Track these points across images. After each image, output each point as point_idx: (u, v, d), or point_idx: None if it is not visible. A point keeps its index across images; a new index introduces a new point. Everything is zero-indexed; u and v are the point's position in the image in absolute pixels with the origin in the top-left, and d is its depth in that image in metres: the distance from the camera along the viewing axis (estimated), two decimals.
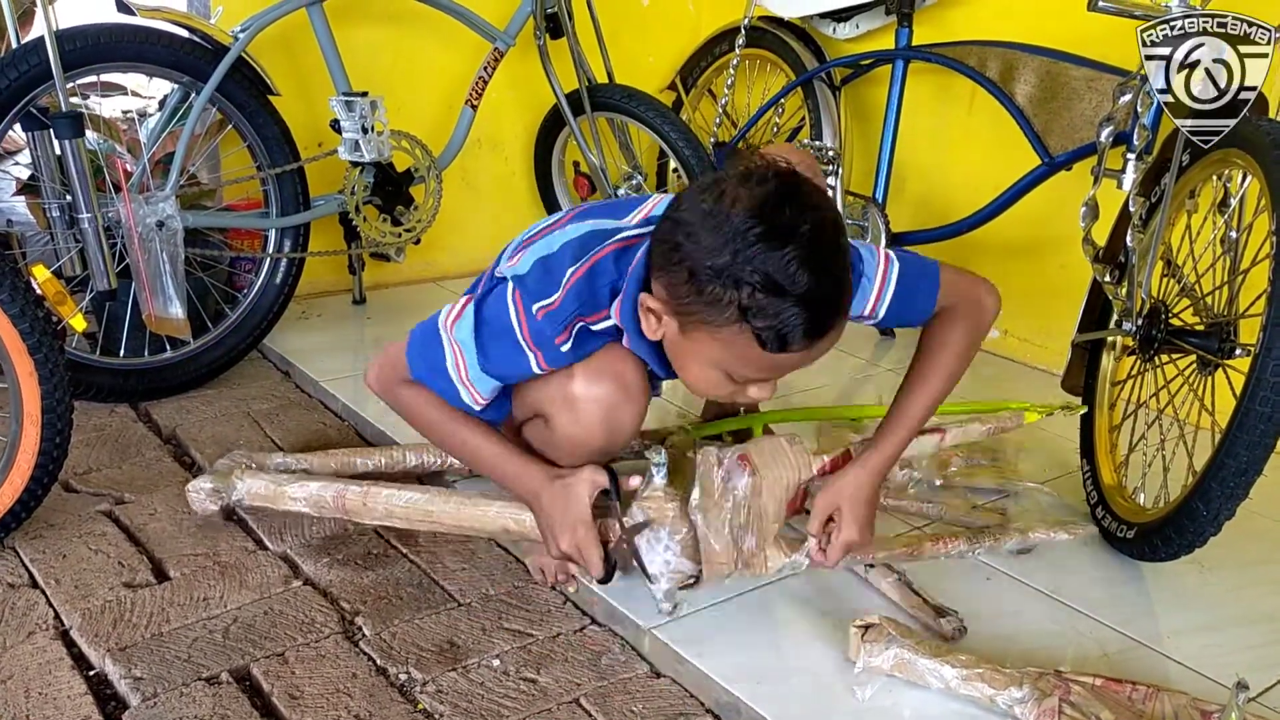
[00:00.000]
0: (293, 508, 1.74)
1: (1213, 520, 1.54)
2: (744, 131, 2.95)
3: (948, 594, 1.59)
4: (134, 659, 1.47)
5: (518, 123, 3.09)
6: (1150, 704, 1.33)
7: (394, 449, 1.92)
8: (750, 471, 1.38)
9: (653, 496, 1.45)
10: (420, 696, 1.43)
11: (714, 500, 1.38)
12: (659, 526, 1.43)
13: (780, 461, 1.41)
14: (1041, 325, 2.62)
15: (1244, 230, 1.69)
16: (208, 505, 1.77)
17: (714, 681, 1.43)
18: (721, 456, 1.41)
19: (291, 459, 1.88)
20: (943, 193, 2.76)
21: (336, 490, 1.70)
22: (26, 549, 1.72)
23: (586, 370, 1.47)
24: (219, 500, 1.77)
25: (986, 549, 1.66)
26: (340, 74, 2.52)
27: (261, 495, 1.76)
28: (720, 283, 1.24)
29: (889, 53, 2.65)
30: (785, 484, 1.43)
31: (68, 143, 2.00)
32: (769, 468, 1.39)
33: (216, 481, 1.77)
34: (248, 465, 1.83)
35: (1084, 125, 2.26)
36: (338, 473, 1.87)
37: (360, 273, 2.83)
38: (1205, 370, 1.70)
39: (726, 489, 1.39)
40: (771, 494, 1.41)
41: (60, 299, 1.69)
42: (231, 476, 1.78)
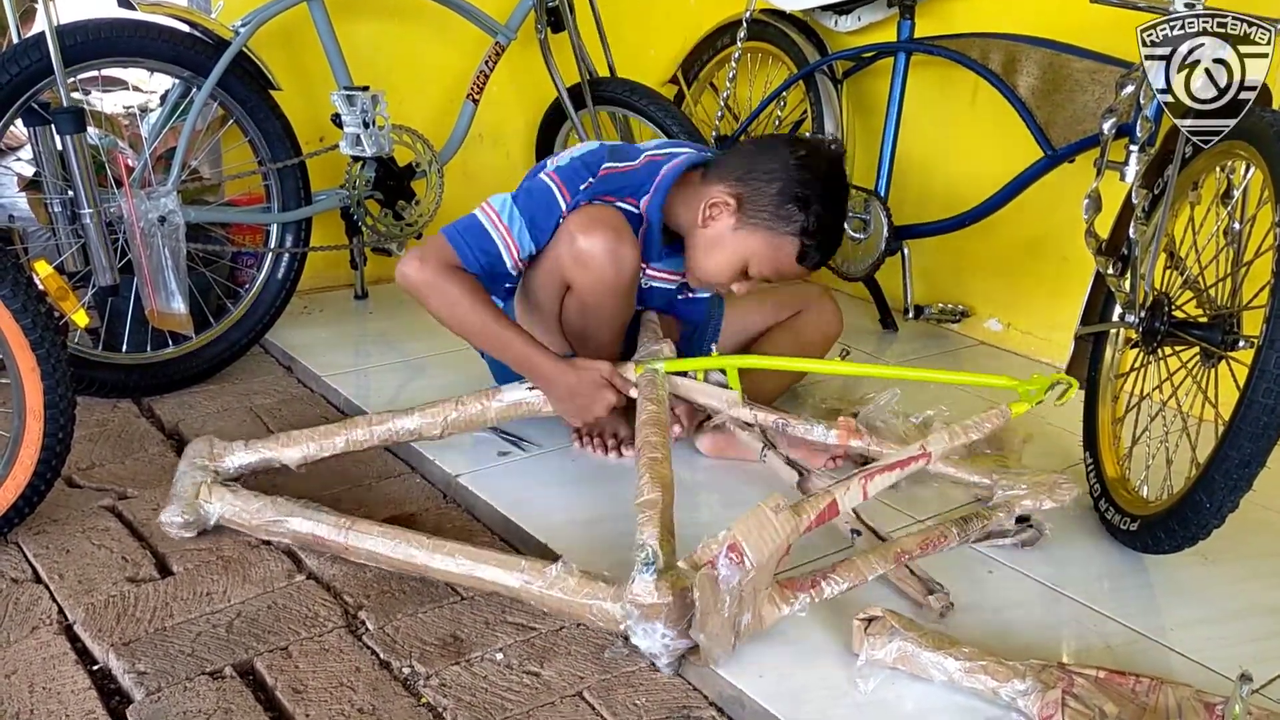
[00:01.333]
0: (273, 540, 1.72)
1: (1216, 512, 1.54)
2: (746, 125, 2.94)
3: (952, 588, 1.59)
4: (137, 653, 1.47)
5: (519, 117, 3.08)
6: (1154, 696, 1.33)
7: (366, 422, 1.86)
8: (742, 565, 1.37)
9: (643, 594, 1.41)
10: (424, 690, 1.43)
11: (711, 612, 1.38)
12: (653, 620, 1.42)
13: (768, 536, 1.39)
14: (1044, 318, 2.62)
15: (1247, 222, 1.68)
16: (184, 534, 1.73)
17: (717, 675, 1.43)
18: (715, 565, 1.36)
19: (251, 449, 1.82)
20: (945, 185, 2.76)
21: (312, 529, 1.67)
22: (30, 544, 1.72)
23: (580, 226, 1.82)
24: (196, 529, 1.73)
25: (979, 533, 1.65)
26: (341, 68, 2.51)
27: (237, 523, 1.72)
28: (797, 204, 1.81)
29: (891, 45, 2.65)
30: (775, 557, 1.42)
31: (69, 138, 2.00)
32: (759, 550, 1.38)
33: (186, 513, 1.71)
34: (210, 475, 1.77)
35: (1087, 117, 2.26)
36: (304, 459, 1.83)
37: (362, 268, 2.83)
38: (1208, 362, 1.70)
39: (723, 593, 1.38)
40: (763, 571, 1.41)
41: (62, 294, 1.69)
42: (198, 501, 1.72)
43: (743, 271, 1.88)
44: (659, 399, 1.79)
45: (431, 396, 1.95)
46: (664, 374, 1.88)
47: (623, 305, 1.93)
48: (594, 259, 1.82)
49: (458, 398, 1.88)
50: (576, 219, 1.83)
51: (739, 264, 1.87)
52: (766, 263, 1.86)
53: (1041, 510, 1.69)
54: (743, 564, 1.37)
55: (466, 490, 1.90)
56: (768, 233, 1.83)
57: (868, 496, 1.52)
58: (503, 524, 1.80)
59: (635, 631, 1.45)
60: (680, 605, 1.41)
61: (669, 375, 1.89)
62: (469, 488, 1.90)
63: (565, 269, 1.86)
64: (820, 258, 1.86)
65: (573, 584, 1.51)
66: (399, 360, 2.46)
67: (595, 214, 1.84)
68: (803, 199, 1.81)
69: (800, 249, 1.83)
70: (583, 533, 1.75)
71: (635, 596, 1.42)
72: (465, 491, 1.90)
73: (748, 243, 1.85)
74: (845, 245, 2.68)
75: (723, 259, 1.88)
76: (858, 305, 2.90)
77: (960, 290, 2.80)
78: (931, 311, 2.71)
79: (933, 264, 2.83)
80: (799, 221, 1.81)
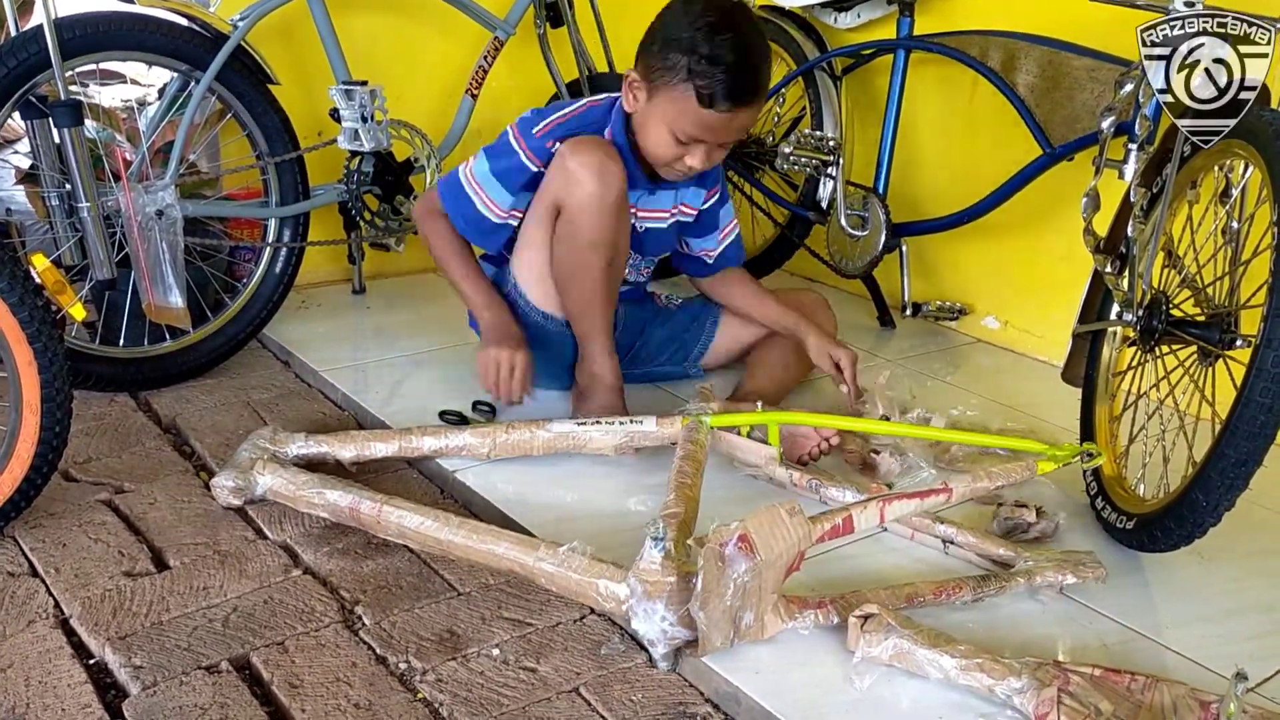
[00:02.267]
0: (311, 511, 1.80)
1: (1212, 511, 1.54)
2: None
3: None
4: (134, 647, 1.47)
5: (518, 112, 3.04)
6: (1149, 694, 1.34)
7: (410, 434, 1.93)
8: (751, 555, 1.38)
9: (649, 570, 1.44)
10: (420, 685, 1.43)
11: (714, 593, 1.38)
12: (656, 599, 1.43)
13: (780, 535, 1.40)
14: (1042, 316, 2.62)
15: (1245, 221, 1.68)
16: (231, 500, 1.82)
17: (713, 671, 1.43)
18: (723, 546, 1.39)
19: (312, 441, 1.92)
20: (944, 182, 2.76)
21: (352, 501, 1.75)
22: (26, 538, 1.72)
23: (572, 149, 1.93)
24: (242, 496, 1.82)
25: (994, 593, 1.59)
26: (340, 62, 2.51)
27: (282, 495, 1.82)
28: (678, 50, 1.83)
29: (890, 42, 2.64)
30: (785, 558, 1.43)
31: (67, 131, 2.00)
32: (769, 545, 1.39)
33: (239, 479, 1.82)
34: (270, 455, 1.88)
35: (1086, 115, 2.26)
36: (356, 457, 1.92)
37: (360, 262, 2.83)
38: (1206, 361, 1.70)
39: (728, 578, 1.39)
40: (771, 569, 1.41)
41: (59, 288, 1.69)
42: (253, 472, 1.83)
43: (678, 140, 1.91)
44: (699, 442, 1.80)
45: (429, 392, 1.96)
46: (709, 427, 1.87)
47: (611, 230, 1.95)
48: (583, 174, 1.90)
49: (509, 423, 1.93)
50: (567, 146, 1.93)
51: (667, 134, 1.91)
52: (681, 121, 1.88)
53: (1065, 584, 1.62)
54: (751, 556, 1.38)
55: (464, 486, 1.90)
56: (667, 91, 1.86)
57: (884, 520, 1.56)
58: (500, 520, 1.80)
59: (636, 613, 1.45)
60: (683, 589, 1.42)
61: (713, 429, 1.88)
62: (466, 484, 1.90)
63: (556, 192, 1.95)
64: (726, 93, 1.83)
65: (584, 564, 1.55)
66: (397, 355, 2.46)
67: (584, 139, 1.94)
68: (681, 41, 1.83)
69: (697, 93, 1.83)
70: (580, 530, 1.74)
71: (642, 570, 1.44)
72: (462, 487, 1.90)
73: (660, 109, 1.89)
74: (844, 242, 2.68)
75: (654, 135, 1.93)
76: (855, 302, 2.90)
77: (958, 288, 2.80)
78: (929, 309, 2.71)
79: (931, 261, 2.83)
80: (684, 65, 1.82)
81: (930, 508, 1.60)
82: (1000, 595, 1.59)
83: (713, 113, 1.84)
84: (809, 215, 2.81)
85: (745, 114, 1.89)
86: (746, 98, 1.86)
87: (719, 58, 1.81)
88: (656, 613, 1.43)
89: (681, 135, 1.90)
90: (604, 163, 1.90)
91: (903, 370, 2.50)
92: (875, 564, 1.71)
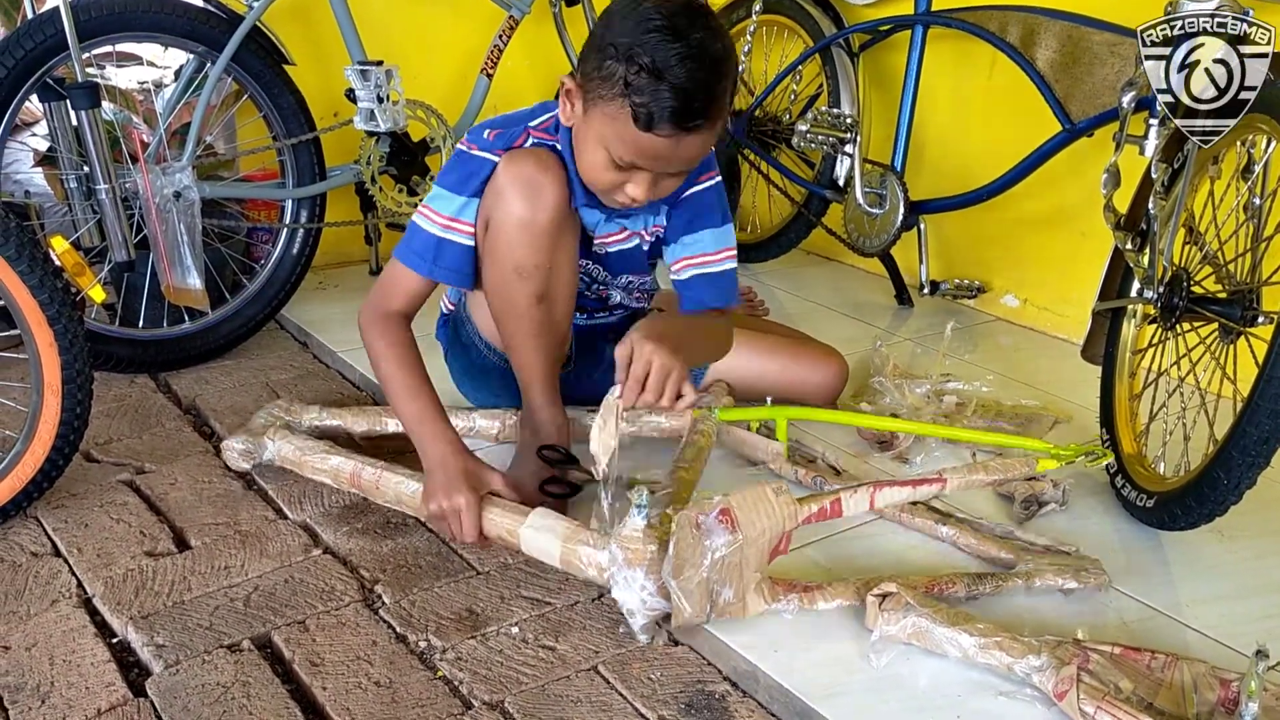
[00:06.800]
0: (315, 478, 1.81)
1: (1234, 489, 1.53)
2: (761, 99, 2.92)
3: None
4: (156, 627, 1.49)
5: (533, 92, 3.07)
6: (1169, 672, 1.33)
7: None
8: (731, 528, 1.37)
9: (631, 537, 1.43)
10: (440, 664, 1.44)
11: (688, 561, 1.38)
12: (636, 566, 1.43)
13: (763, 512, 1.39)
14: (1061, 293, 2.60)
15: (1268, 197, 1.66)
16: (240, 463, 1.86)
17: (732, 649, 1.43)
18: (701, 517, 1.38)
19: (327, 413, 1.94)
20: (962, 160, 2.74)
21: (354, 467, 1.75)
22: (49, 518, 1.74)
23: (507, 160, 1.64)
24: (251, 459, 1.86)
25: (990, 592, 1.56)
26: (355, 43, 2.50)
27: (289, 460, 1.84)
28: (615, 58, 1.46)
29: (908, 18, 2.62)
30: (768, 536, 1.42)
31: (84, 113, 2.00)
32: (752, 521, 1.38)
33: (249, 443, 1.85)
34: (283, 422, 1.91)
35: (1106, 90, 2.23)
36: (368, 431, 1.94)
37: (377, 243, 2.83)
38: (1227, 338, 1.68)
39: (705, 549, 1.38)
40: (754, 546, 1.40)
41: (79, 270, 1.70)
42: (264, 437, 1.86)
43: (616, 165, 1.55)
44: (706, 433, 1.79)
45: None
46: (718, 420, 1.86)
47: (541, 255, 1.66)
48: (510, 191, 1.62)
49: (515, 409, 1.91)
50: (505, 156, 1.65)
51: (603, 155, 1.55)
52: (616, 142, 1.51)
53: (1065, 588, 1.58)
54: (731, 530, 1.37)
55: None
56: (603, 105, 1.50)
57: (874, 506, 1.55)
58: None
59: (616, 581, 1.45)
60: (663, 559, 1.41)
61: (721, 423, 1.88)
62: None
63: (488, 208, 1.66)
64: (669, 114, 1.45)
65: (567, 530, 1.53)
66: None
67: (524, 151, 1.66)
68: (619, 47, 1.46)
69: (633, 112, 1.46)
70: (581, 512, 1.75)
71: (624, 538, 1.43)
72: None
73: (595, 126, 1.53)
74: (861, 220, 2.67)
75: (589, 156, 1.58)
76: (873, 280, 2.89)
77: (977, 265, 2.78)
78: (947, 287, 2.69)
79: (949, 239, 2.81)
80: (620, 77, 1.46)
81: (923, 496, 1.59)
82: (996, 595, 1.55)
83: (651, 136, 1.48)
84: (826, 193, 2.79)
85: (693, 140, 1.50)
86: (693, 121, 1.47)
87: (662, 71, 1.44)
88: (636, 581, 1.42)
89: (619, 160, 1.54)
90: (535, 178, 1.62)
91: (920, 349, 2.49)
92: (888, 545, 1.70)
